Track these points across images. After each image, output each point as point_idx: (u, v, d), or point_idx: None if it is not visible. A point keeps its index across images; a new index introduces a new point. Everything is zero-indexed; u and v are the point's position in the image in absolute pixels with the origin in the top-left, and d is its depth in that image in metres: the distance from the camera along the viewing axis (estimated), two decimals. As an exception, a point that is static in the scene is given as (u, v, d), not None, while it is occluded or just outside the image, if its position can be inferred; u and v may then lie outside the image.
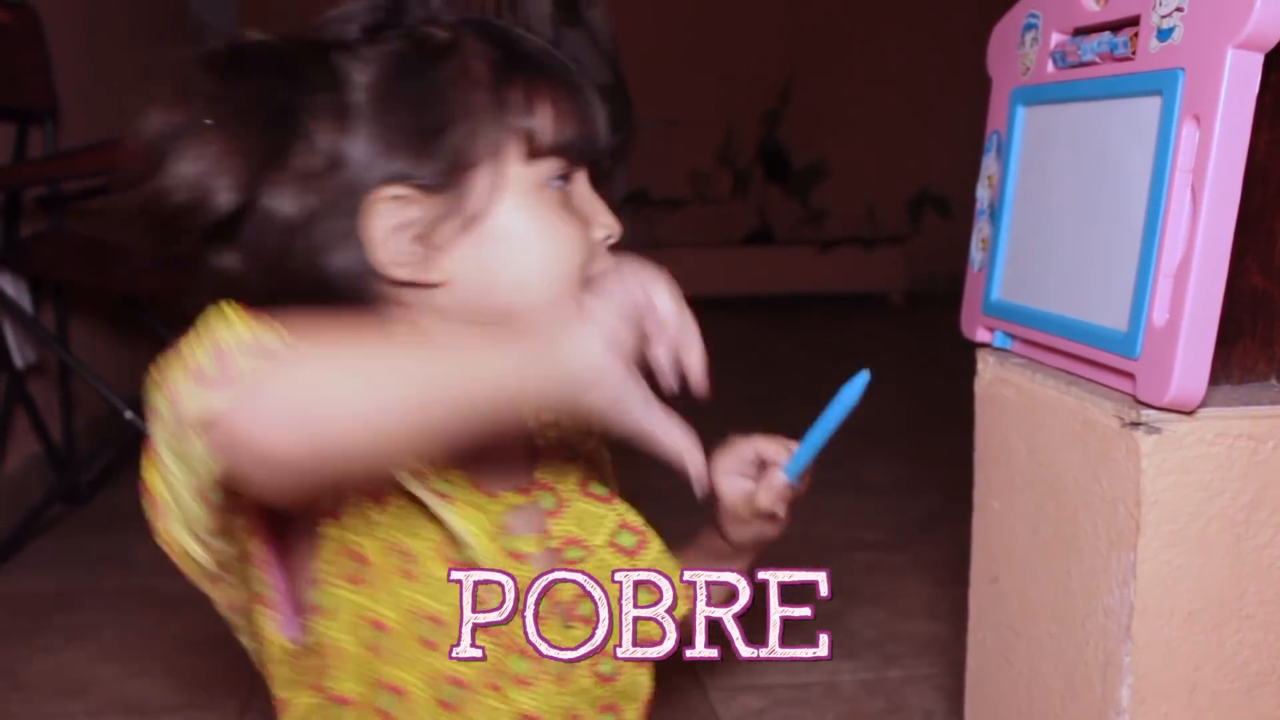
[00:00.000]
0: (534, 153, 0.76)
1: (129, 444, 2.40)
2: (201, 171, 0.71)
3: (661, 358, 0.72)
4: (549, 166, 0.77)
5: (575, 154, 0.78)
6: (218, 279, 0.74)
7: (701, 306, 0.88)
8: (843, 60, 5.28)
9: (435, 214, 0.74)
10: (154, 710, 1.46)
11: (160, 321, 2.47)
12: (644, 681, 0.86)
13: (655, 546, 0.87)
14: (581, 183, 0.81)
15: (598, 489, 0.89)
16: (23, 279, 2.18)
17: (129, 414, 1.99)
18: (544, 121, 0.76)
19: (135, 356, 2.84)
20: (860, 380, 0.82)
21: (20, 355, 2.18)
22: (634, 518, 0.87)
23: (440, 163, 0.74)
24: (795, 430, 0.97)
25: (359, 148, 0.73)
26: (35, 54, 2.28)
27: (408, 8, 0.78)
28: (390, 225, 0.74)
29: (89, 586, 1.87)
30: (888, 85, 5.26)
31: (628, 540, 0.87)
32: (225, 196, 0.71)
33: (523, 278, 0.76)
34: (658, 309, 0.71)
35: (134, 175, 0.72)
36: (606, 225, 0.80)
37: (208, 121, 0.71)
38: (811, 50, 5.25)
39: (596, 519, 0.87)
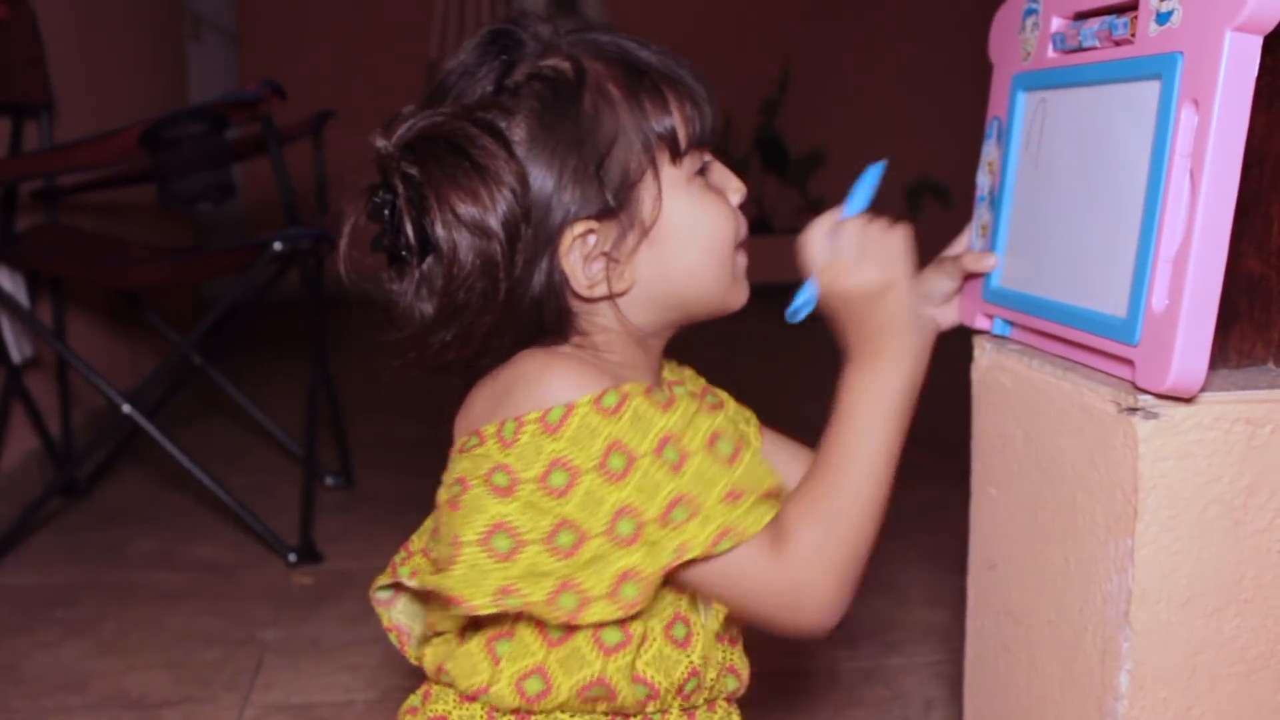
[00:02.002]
0: (681, 151, 0.83)
1: (127, 438, 2.41)
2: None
3: None
4: (695, 159, 0.84)
5: (709, 138, 0.85)
6: (435, 353, 0.82)
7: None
8: (840, 48, 5.27)
9: (616, 234, 0.82)
10: (153, 704, 1.46)
11: (157, 315, 2.47)
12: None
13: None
14: (712, 161, 0.87)
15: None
16: (19, 273, 2.18)
17: (126, 408, 1.99)
18: (679, 120, 0.82)
19: (133, 350, 2.84)
20: (877, 169, 0.89)
21: (17, 350, 2.18)
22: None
23: (609, 189, 0.80)
24: (797, 427, 0.97)
25: (539, 198, 0.80)
26: (30, 48, 2.27)
27: (522, 44, 0.82)
28: (581, 257, 0.81)
29: (88, 581, 1.87)
30: (885, 73, 5.26)
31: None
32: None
33: (695, 265, 0.84)
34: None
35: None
36: (737, 189, 0.87)
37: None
38: (808, 38, 5.24)
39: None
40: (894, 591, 1.73)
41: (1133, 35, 0.81)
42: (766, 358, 3.59)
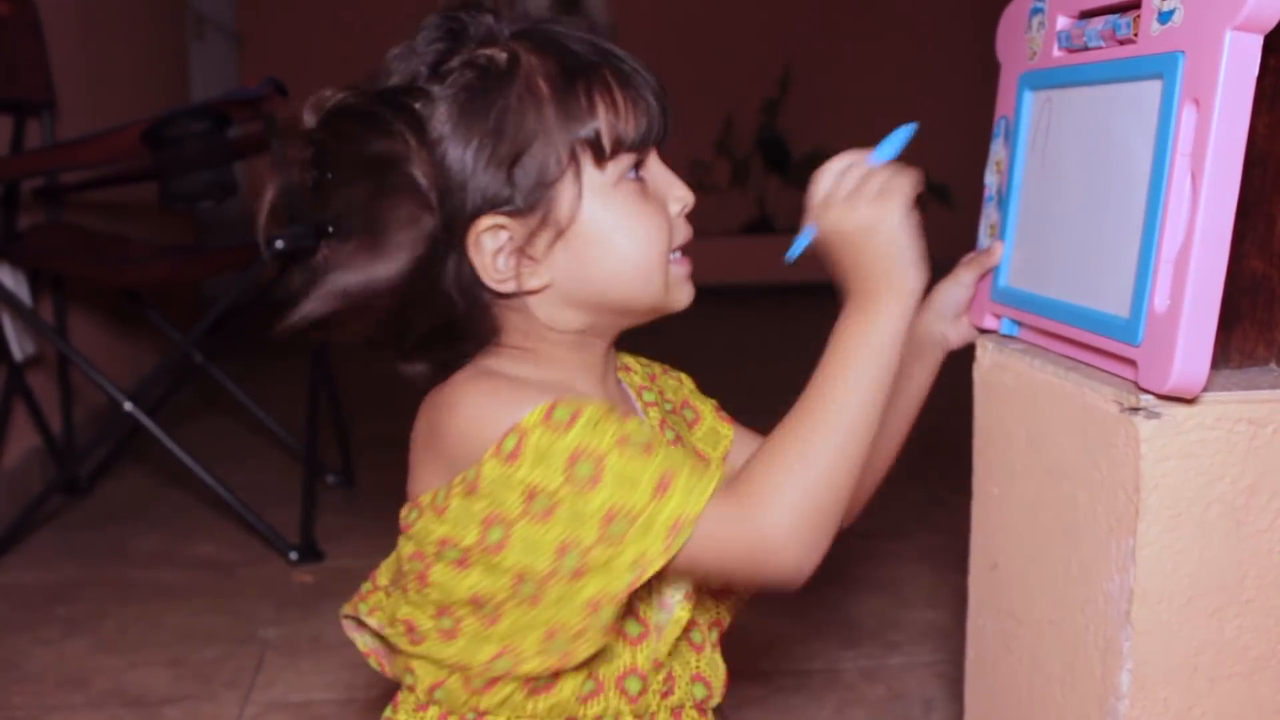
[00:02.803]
0: (605, 155, 0.80)
1: (128, 436, 2.41)
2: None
3: None
4: (622, 163, 0.81)
5: (642, 143, 0.82)
6: (348, 332, 0.82)
7: (700, 296, 0.88)
8: (842, 48, 5.27)
9: (529, 231, 0.80)
10: (154, 701, 1.46)
11: (158, 313, 2.47)
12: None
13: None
14: (653, 163, 0.85)
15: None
16: (21, 271, 2.18)
17: (128, 405, 1.99)
18: (610, 122, 0.80)
19: (134, 348, 2.84)
20: (909, 129, 0.85)
21: (19, 347, 2.18)
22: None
23: (525, 186, 0.79)
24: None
25: (452, 184, 0.79)
26: (33, 46, 2.27)
27: (468, 31, 0.81)
28: (492, 249, 0.80)
29: (89, 578, 1.87)
30: (887, 73, 5.25)
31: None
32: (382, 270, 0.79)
33: (614, 271, 0.82)
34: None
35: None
36: (680, 197, 0.85)
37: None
38: (810, 38, 5.24)
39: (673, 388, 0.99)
40: (894, 591, 1.73)
41: (1136, 35, 0.81)
42: (767, 357, 3.59)
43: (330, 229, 0.80)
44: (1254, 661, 0.81)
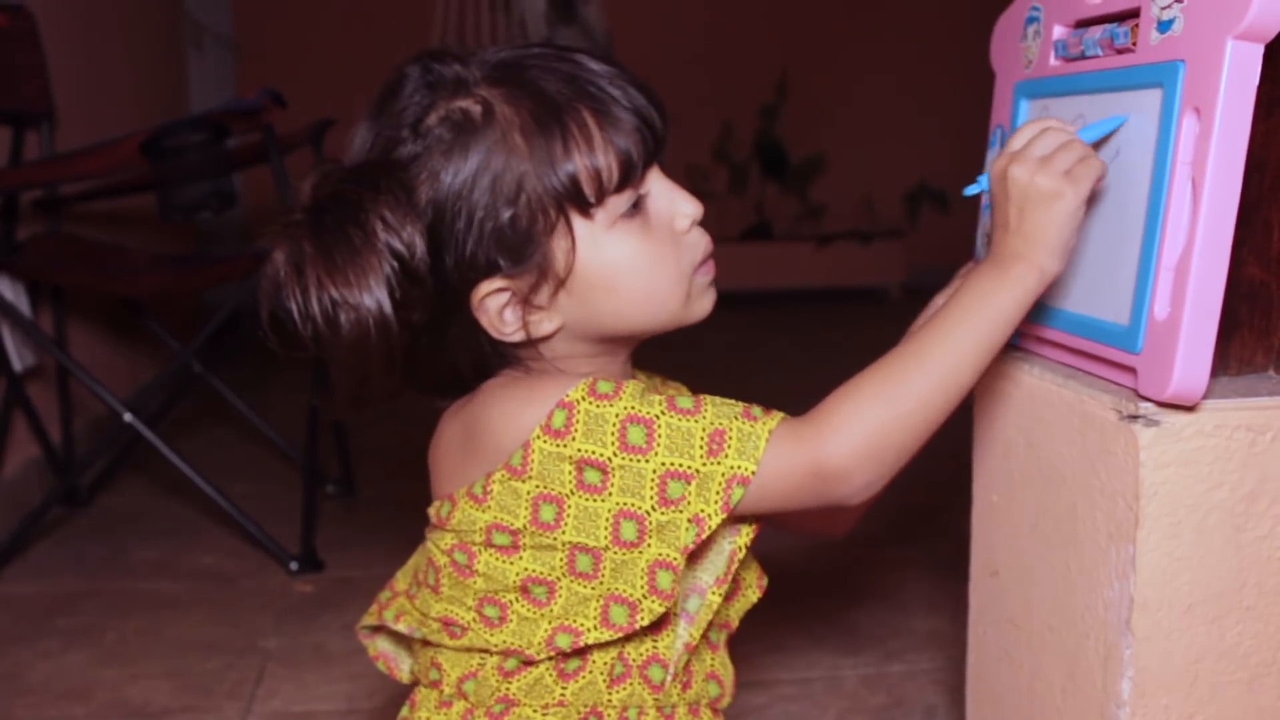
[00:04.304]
0: (591, 205, 0.79)
1: (128, 447, 2.41)
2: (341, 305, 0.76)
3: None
4: (612, 206, 0.80)
5: (628, 177, 0.80)
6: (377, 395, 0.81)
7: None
8: (839, 54, 5.27)
9: (528, 285, 0.80)
10: (155, 713, 1.46)
11: (158, 323, 2.47)
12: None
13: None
14: (654, 179, 0.83)
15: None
16: (20, 282, 2.18)
17: (128, 416, 1.99)
18: (589, 169, 0.78)
19: (133, 359, 2.84)
20: (1121, 118, 0.83)
21: (19, 358, 2.18)
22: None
23: (515, 247, 0.79)
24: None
25: (442, 254, 0.79)
26: (31, 57, 2.27)
27: (445, 79, 0.80)
28: (496, 308, 0.80)
29: (89, 590, 1.87)
30: (885, 79, 5.26)
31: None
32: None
33: (623, 308, 0.82)
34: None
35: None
36: (686, 214, 0.83)
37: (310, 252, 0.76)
38: (808, 44, 5.25)
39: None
40: (895, 598, 1.73)
41: (1134, 44, 0.82)
42: (766, 365, 3.59)
43: None
44: (1254, 668, 0.81)
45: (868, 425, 0.75)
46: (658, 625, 0.81)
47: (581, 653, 0.80)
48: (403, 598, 0.89)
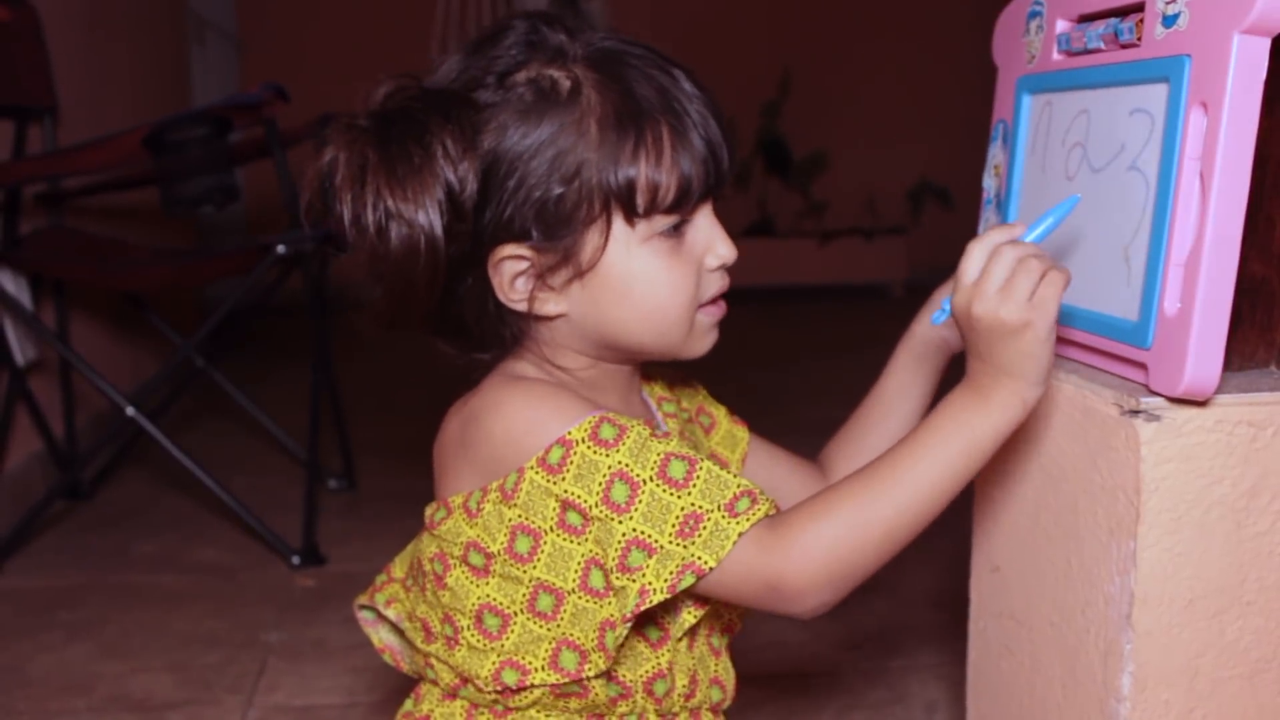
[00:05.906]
0: (638, 214, 0.80)
1: (130, 441, 2.41)
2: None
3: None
4: (656, 223, 0.80)
5: (681, 203, 0.80)
6: (367, 312, 0.82)
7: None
8: (842, 50, 5.27)
9: (549, 263, 0.80)
10: (157, 706, 1.46)
11: (160, 317, 2.47)
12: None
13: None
14: (703, 215, 0.83)
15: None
16: (23, 276, 2.18)
17: (130, 410, 1.99)
18: (650, 182, 0.79)
19: (136, 353, 2.84)
20: (1072, 201, 0.80)
21: (21, 352, 2.18)
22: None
23: (552, 224, 0.79)
24: (797, 424, 0.97)
25: (486, 202, 0.79)
26: (34, 51, 2.27)
27: (547, 43, 0.81)
28: (511, 273, 0.81)
29: (92, 583, 1.87)
30: (887, 75, 5.26)
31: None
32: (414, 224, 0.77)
33: (627, 320, 0.82)
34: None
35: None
36: (720, 255, 0.84)
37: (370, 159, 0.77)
38: (811, 41, 5.24)
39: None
40: (896, 593, 1.73)
41: (1138, 38, 0.81)
42: (768, 360, 3.59)
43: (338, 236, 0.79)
44: (1255, 664, 0.81)
45: (831, 552, 0.74)
46: (658, 642, 0.82)
47: (580, 682, 0.80)
48: (397, 584, 0.89)
